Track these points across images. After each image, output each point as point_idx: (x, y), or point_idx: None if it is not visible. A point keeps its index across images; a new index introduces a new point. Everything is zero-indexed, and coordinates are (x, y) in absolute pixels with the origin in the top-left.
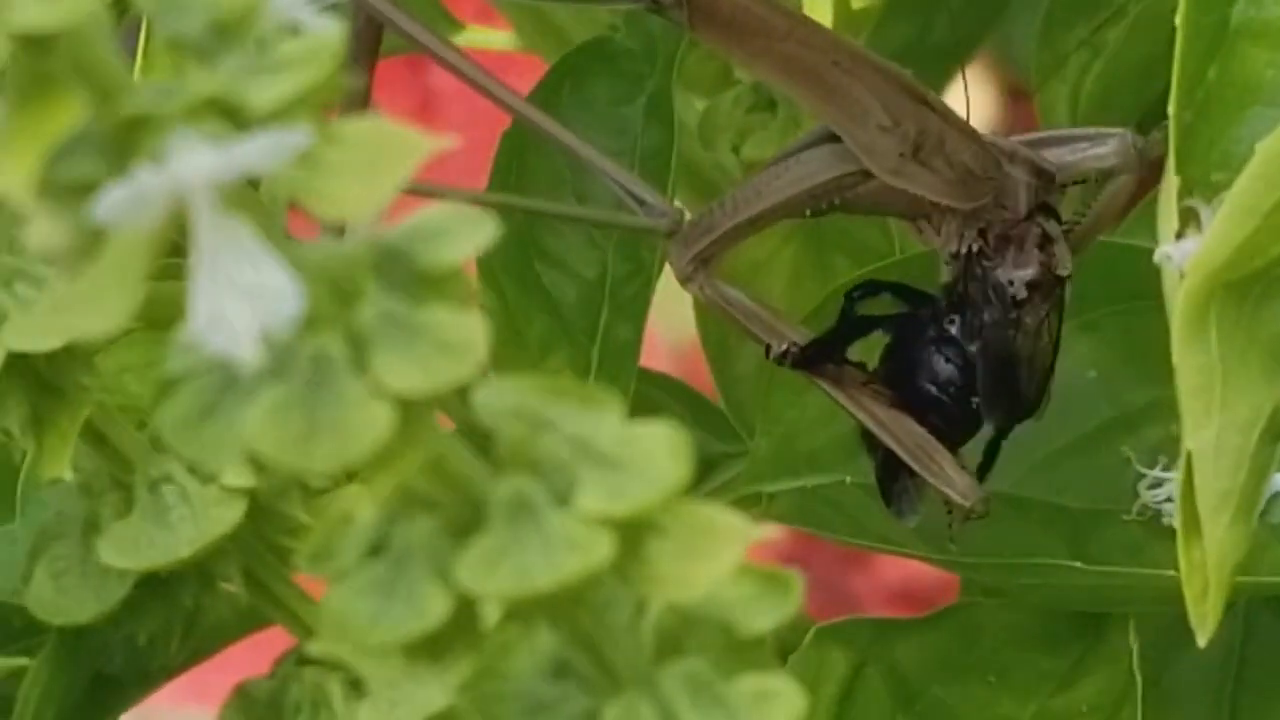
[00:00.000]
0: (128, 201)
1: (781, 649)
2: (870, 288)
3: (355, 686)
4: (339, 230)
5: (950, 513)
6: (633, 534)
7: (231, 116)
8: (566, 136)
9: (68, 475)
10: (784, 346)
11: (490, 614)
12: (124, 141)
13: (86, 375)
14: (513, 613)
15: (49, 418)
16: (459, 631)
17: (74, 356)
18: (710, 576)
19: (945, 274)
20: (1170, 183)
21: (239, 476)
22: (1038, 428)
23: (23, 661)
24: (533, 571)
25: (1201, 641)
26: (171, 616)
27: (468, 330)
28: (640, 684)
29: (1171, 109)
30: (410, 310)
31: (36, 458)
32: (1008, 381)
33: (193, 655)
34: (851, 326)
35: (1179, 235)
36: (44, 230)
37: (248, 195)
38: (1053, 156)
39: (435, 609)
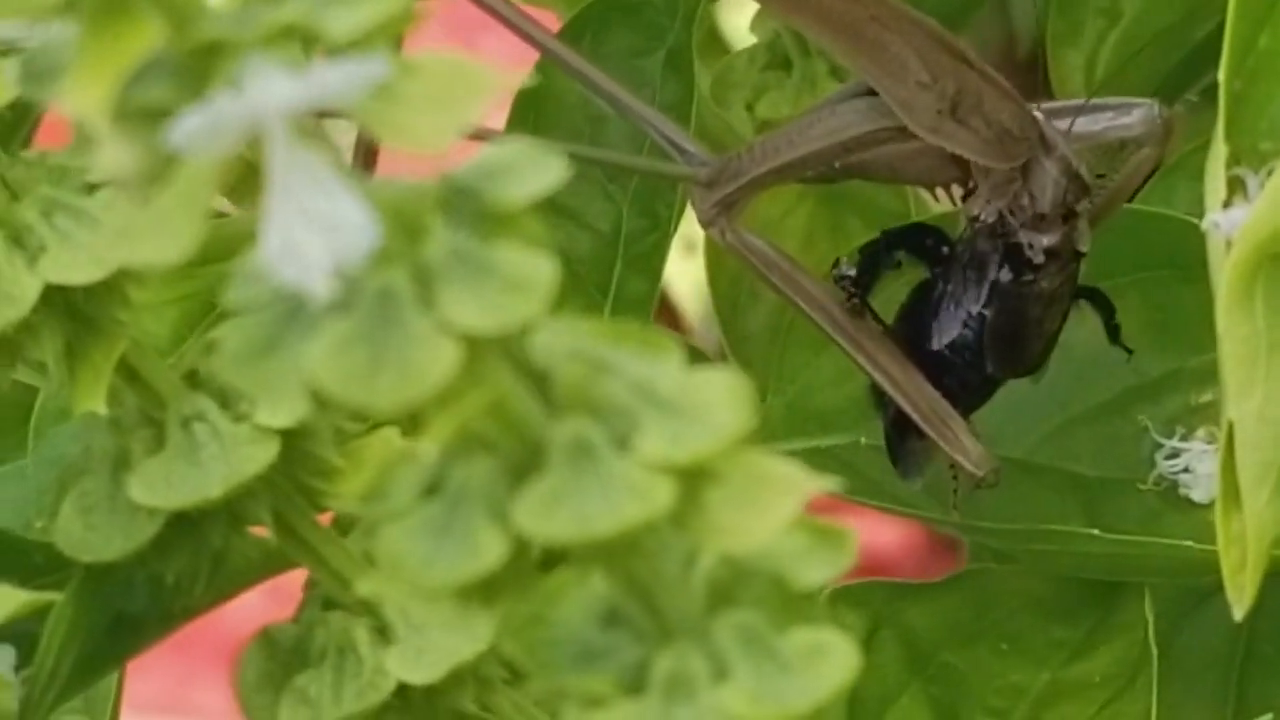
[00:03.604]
0: (203, 128)
1: None
2: (891, 239)
3: (381, 633)
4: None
5: (956, 478)
6: (692, 481)
7: (308, 45)
8: (605, 81)
9: (101, 409)
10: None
11: (544, 558)
12: (199, 68)
13: (123, 310)
14: (567, 557)
15: (84, 351)
16: (512, 575)
17: (111, 291)
18: (768, 528)
19: (964, 235)
20: (1218, 151)
21: (272, 416)
22: (1054, 394)
23: (50, 597)
24: (592, 516)
25: (1238, 615)
26: (199, 557)
27: (536, 269)
28: (692, 634)
29: (1222, 76)
30: (478, 248)
31: (70, 391)
32: (1014, 338)
33: (216, 597)
34: (876, 264)
35: (1226, 204)
36: (115, 155)
37: (320, 127)
38: (1078, 125)
39: (491, 551)
